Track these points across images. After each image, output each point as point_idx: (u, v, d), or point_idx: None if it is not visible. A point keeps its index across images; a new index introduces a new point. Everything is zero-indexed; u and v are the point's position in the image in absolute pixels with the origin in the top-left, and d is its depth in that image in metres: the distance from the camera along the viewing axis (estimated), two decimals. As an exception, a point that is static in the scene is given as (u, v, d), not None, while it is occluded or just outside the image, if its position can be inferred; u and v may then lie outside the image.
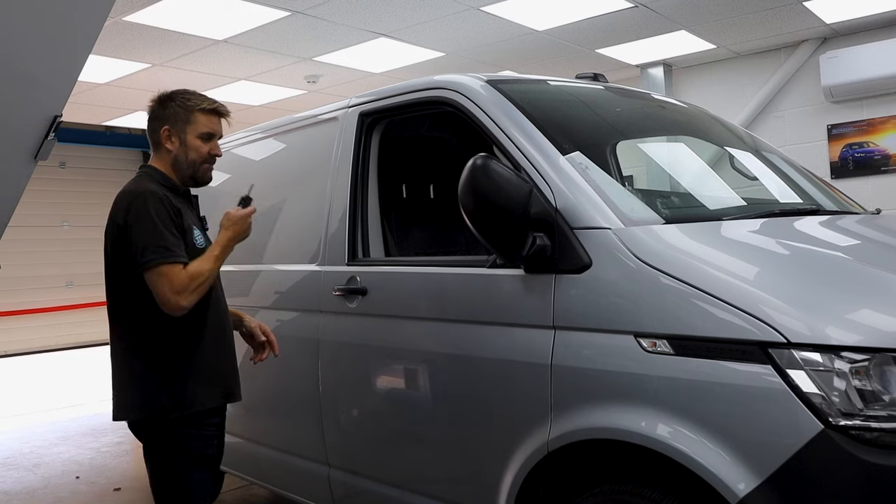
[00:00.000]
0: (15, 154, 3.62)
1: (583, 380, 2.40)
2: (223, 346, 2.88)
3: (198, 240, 2.80)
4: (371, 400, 3.30)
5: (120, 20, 7.40)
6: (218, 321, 2.87)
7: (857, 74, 8.83)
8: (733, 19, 8.51)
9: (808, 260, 2.41)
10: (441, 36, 8.55)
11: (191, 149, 2.86)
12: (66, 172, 14.48)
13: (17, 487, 5.78)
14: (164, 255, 2.62)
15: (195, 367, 2.76)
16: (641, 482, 2.30)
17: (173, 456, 2.75)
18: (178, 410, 2.71)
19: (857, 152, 9.29)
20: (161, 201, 2.70)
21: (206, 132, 2.88)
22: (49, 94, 3.46)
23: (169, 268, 2.62)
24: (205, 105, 2.89)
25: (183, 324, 2.71)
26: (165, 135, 2.86)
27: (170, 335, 2.73)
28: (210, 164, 2.93)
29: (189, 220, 2.81)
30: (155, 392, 2.71)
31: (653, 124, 3.71)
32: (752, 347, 2.03)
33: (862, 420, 1.90)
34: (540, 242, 2.48)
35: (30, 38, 3.19)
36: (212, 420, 2.80)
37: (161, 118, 2.87)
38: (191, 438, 2.75)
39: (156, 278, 2.62)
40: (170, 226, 2.68)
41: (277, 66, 9.44)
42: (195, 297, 2.65)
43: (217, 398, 2.82)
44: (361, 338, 3.29)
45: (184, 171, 2.88)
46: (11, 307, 13.78)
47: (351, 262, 3.38)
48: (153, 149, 2.93)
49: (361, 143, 3.48)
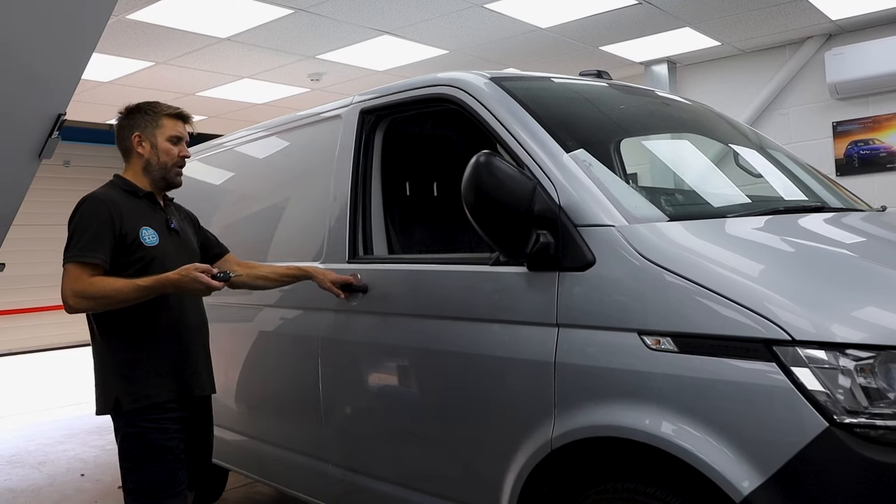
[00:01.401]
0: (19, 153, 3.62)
1: (586, 377, 2.39)
2: (177, 341, 2.98)
3: (146, 238, 2.91)
4: (372, 398, 3.29)
5: (123, 18, 7.40)
6: (172, 317, 2.97)
7: (863, 71, 8.80)
8: (738, 16, 8.49)
9: (813, 257, 2.40)
10: (444, 33, 8.54)
11: (161, 151, 3.03)
12: (70, 171, 14.49)
13: (23, 485, 5.79)
14: (74, 254, 2.80)
15: (146, 362, 2.89)
16: (645, 480, 2.30)
17: (131, 448, 2.89)
18: (132, 404, 2.86)
19: (862, 149, 9.27)
20: (100, 205, 2.86)
21: (174, 135, 3.05)
22: (53, 93, 3.46)
23: (74, 266, 2.79)
24: (171, 111, 3.07)
25: (134, 320, 2.86)
26: (136, 140, 3.02)
27: (121, 331, 2.90)
28: (180, 167, 3.08)
29: (140, 221, 2.93)
30: (111, 387, 2.91)
31: (657, 121, 3.70)
32: (756, 345, 2.03)
33: (867, 418, 1.90)
34: (543, 240, 2.48)
35: (33, 37, 3.19)
36: (171, 414, 2.91)
37: (130, 126, 3.05)
38: (148, 431, 2.87)
39: (63, 273, 2.80)
40: (99, 229, 2.81)
41: (280, 63, 9.44)
42: (88, 305, 2.79)
43: (169, 392, 2.92)
44: (362, 336, 3.29)
45: (155, 173, 3.04)
46: (16, 305, 13.80)
47: (352, 260, 3.37)
48: (124, 157, 3.10)
49: (364, 141, 3.47)
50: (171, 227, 3.05)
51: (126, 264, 2.86)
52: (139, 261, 2.88)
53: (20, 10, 3.08)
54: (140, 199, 3.01)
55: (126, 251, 2.86)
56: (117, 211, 2.87)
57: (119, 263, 2.85)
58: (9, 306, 13.67)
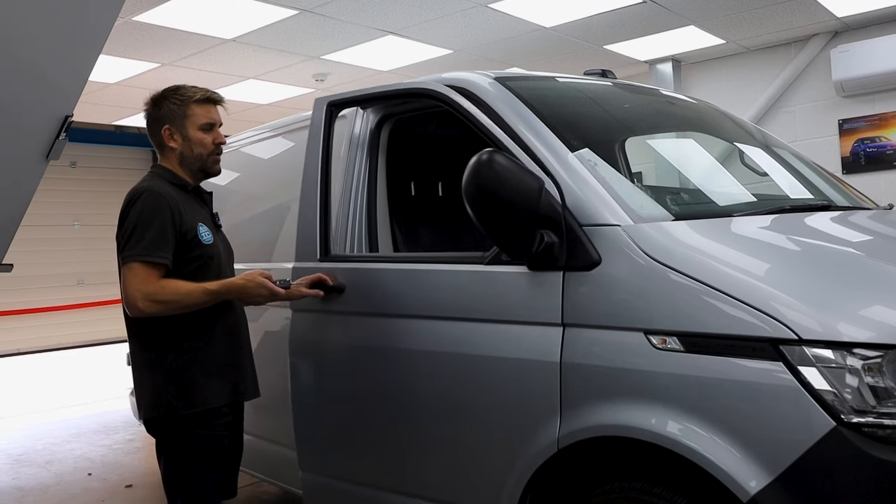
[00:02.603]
0: (27, 154, 3.64)
1: (592, 377, 2.39)
2: (233, 344, 2.87)
3: (204, 236, 2.79)
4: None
5: (129, 20, 7.42)
6: (228, 320, 2.86)
7: (869, 68, 8.77)
8: (742, 14, 8.47)
9: (820, 256, 2.40)
10: (449, 33, 8.54)
11: (195, 142, 2.86)
12: (77, 172, 14.53)
13: (31, 484, 5.81)
14: (140, 252, 2.62)
15: (201, 365, 2.75)
16: (651, 480, 2.30)
17: (184, 455, 2.75)
18: (186, 409, 2.70)
19: (868, 147, 9.24)
20: (158, 199, 2.70)
21: (205, 123, 2.87)
22: (60, 95, 3.48)
23: (141, 266, 2.62)
24: (199, 96, 2.87)
25: (189, 322, 2.72)
26: (167, 134, 2.86)
27: (176, 333, 2.72)
28: (217, 154, 2.92)
29: (195, 217, 2.80)
30: (161, 390, 2.72)
31: (662, 120, 3.70)
32: (763, 344, 2.03)
33: (875, 417, 1.89)
34: (548, 239, 2.47)
35: (41, 39, 3.21)
36: (223, 419, 2.79)
37: (159, 118, 2.88)
38: (201, 438, 2.74)
39: (127, 273, 2.63)
40: (162, 225, 2.66)
41: (285, 64, 9.45)
42: (157, 309, 2.63)
43: (225, 396, 2.80)
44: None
45: (192, 166, 2.89)
46: (23, 306, 13.84)
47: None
48: (158, 151, 2.94)
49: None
50: (217, 224, 2.95)
51: (184, 262, 2.73)
52: (197, 259, 2.75)
53: (27, 13, 3.09)
54: (189, 194, 2.87)
55: (185, 249, 2.73)
56: (176, 206, 2.72)
57: (177, 262, 2.71)
58: (16, 306, 13.70)
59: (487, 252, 2.72)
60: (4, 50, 3.12)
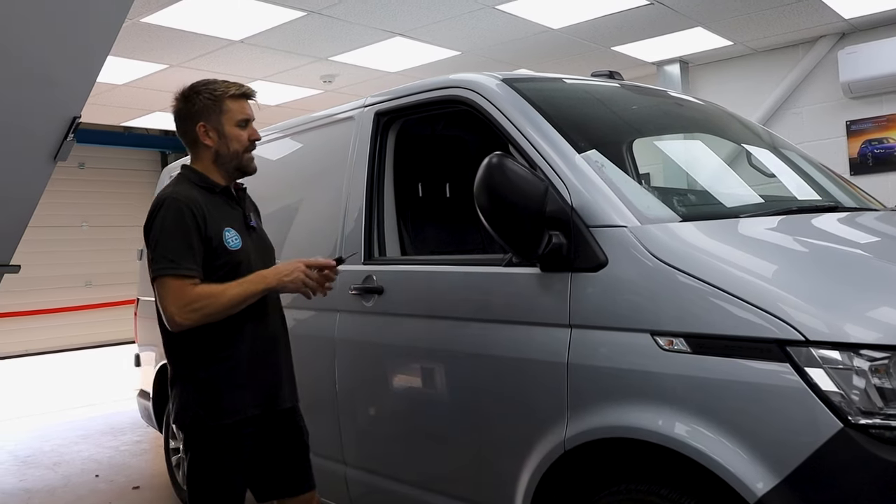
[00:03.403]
0: (35, 155, 3.65)
1: (599, 378, 2.39)
2: (267, 351, 2.79)
3: (230, 242, 2.68)
4: (387, 399, 3.30)
5: (138, 21, 7.45)
6: (262, 330, 2.78)
7: (877, 70, 8.75)
8: (750, 15, 8.46)
9: (827, 257, 2.39)
10: (456, 35, 8.55)
11: (232, 139, 2.75)
12: (85, 173, 14.60)
13: (38, 485, 5.83)
14: (168, 266, 2.55)
15: (230, 377, 2.68)
16: (659, 481, 2.30)
17: (205, 461, 2.70)
18: (213, 420, 2.65)
19: (876, 148, 9.21)
20: (182, 208, 2.60)
21: (241, 118, 2.77)
22: (68, 96, 3.49)
23: (173, 280, 2.55)
24: (233, 91, 2.76)
25: (219, 332, 2.64)
26: (202, 131, 2.74)
27: (205, 345, 2.66)
28: (252, 150, 2.82)
29: (221, 222, 2.70)
30: (190, 400, 2.67)
31: (669, 122, 3.70)
32: (770, 345, 2.02)
33: (882, 419, 1.89)
34: (556, 241, 2.48)
35: (49, 40, 3.22)
36: (248, 430, 2.72)
37: (192, 115, 2.76)
38: (222, 451, 2.69)
39: (160, 289, 2.57)
40: (186, 235, 2.58)
41: (294, 66, 9.47)
42: (194, 318, 2.56)
43: (252, 408, 2.72)
44: (377, 337, 3.30)
45: (228, 164, 2.78)
46: (31, 307, 13.90)
47: (367, 261, 3.38)
48: (190, 148, 2.83)
49: (377, 143, 3.49)
50: (249, 225, 2.82)
51: (212, 270, 2.63)
52: (223, 266, 2.65)
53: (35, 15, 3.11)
54: (217, 196, 2.75)
55: (212, 256, 2.63)
56: (200, 212, 2.61)
57: (205, 269, 2.62)
58: (24, 307, 13.77)
59: (506, 254, 2.73)
60: (12, 51, 3.14)
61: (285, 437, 2.89)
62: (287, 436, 2.90)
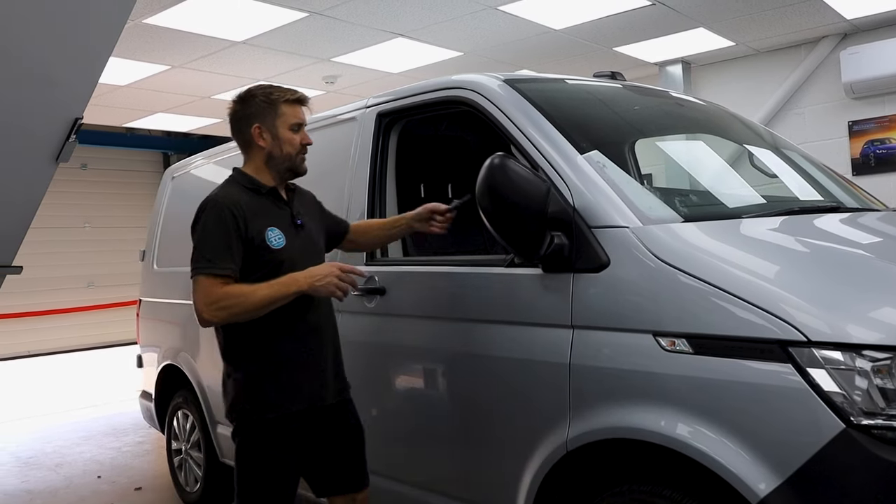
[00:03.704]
0: (37, 156, 3.64)
1: (601, 379, 2.39)
2: (304, 350, 2.82)
3: (273, 241, 2.75)
4: (389, 399, 3.30)
5: (140, 22, 7.45)
6: (308, 327, 2.83)
7: (879, 70, 8.74)
8: (752, 16, 8.45)
9: (829, 258, 2.39)
10: (458, 36, 8.55)
11: (285, 142, 2.85)
12: (88, 174, 14.61)
13: (40, 486, 5.84)
14: (204, 265, 2.65)
15: (273, 373, 2.75)
16: (661, 482, 2.30)
17: (248, 458, 2.78)
18: (257, 414, 2.74)
19: (878, 149, 9.20)
20: (223, 210, 2.70)
21: (295, 123, 2.87)
22: (70, 97, 3.48)
23: (205, 279, 2.64)
24: (288, 96, 2.87)
25: (266, 328, 2.72)
26: (257, 132, 2.84)
27: (253, 339, 2.75)
28: (304, 154, 2.91)
29: (265, 221, 2.77)
30: (238, 394, 2.77)
31: (671, 122, 3.70)
32: (772, 346, 2.02)
33: (884, 419, 1.89)
34: (558, 241, 2.48)
35: (51, 41, 3.22)
36: (293, 425, 2.78)
37: (247, 117, 2.86)
38: (267, 445, 2.76)
39: (194, 286, 2.66)
40: (225, 236, 2.67)
41: (296, 66, 9.47)
42: (221, 316, 2.65)
43: (295, 404, 2.78)
44: (379, 337, 3.30)
45: (280, 165, 2.87)
46: (33, 308, 13.92)
47: (369, 262, 3.39)
48: (244, 150, 2.93)
49: (379, 143, 3.49)
50: (297, 224, 2.88)
51: (254, 268, 2.71)
52: (266, 265, 2.72)
53: (37, 15, 3.11)
54: (263, 197, 2.84)
55: (253, 255, 2.72)
56: (241, 213, 2.71)
57: (247, 268, 2.71)
58: (26, 308, 13.78)
59: (507, 255, 2.73)
60: (13, 51, 3.14)
61: (335, 433, 2.94)
62: (337, 432, 2.95)
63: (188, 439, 5.01)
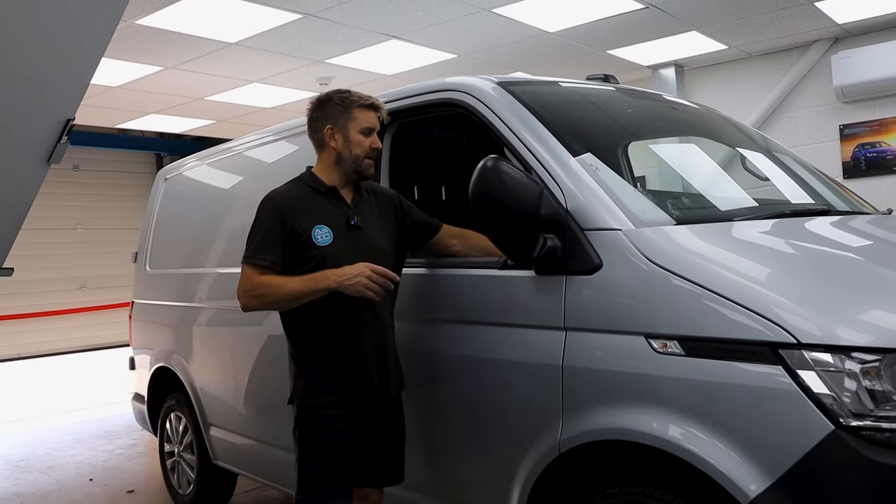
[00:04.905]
0: (28, 158, 3.64)
1: (594, 381, 2.40)
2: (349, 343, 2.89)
3: (319, 238, 2.86)
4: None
5: (132, 23, 7.44)
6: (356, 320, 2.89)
7: (870, 74, 8.78)
8: (744, 20, 8.49)
9: (819, 260, 2.40)
10: (452, 38, 8.56)
11: (354, 144, 2.96)
12: (80, 175, 14.58)
13: (32, 489, 5.82)
14: (248, 255, 2.86)
15: (317, 362, 2.90)
16: (652, 483, 2.30)
17: (299, 442, 2.93)
18: (302, 400, 2.91)
19: (869, 152, 9.25)
20: (274, 205, 2.88)
21: (366, 127, 2.98)
22: (62, 98, 3.48)
23: (246, 267, 2.85)
24: (362, 101, 2.99)
25: (310, 318, 2.87)
26: (329, 133, 2.98)
27: (300, 328, 2.93)
28: (372, 158, 3.01)
29: (315, 219, 2.88)
30: (296, 380, 2.95)
31: (664, 125, 3.71)
32: (762, 348, 2.03)
33: (873, 420, 1.90)
34: (551, 244, 2.49)
35: (42, 42, 3.21)
36: (338, 411, 2.88)
37: (322, 118, 3.01)
38: (312, 428, 2.89)
39: (241, 274, 2.87)
40: (270, 228, 2.84)
41: (290, 68, 9.47)
42: (255, 303, 2.87)
43: (337, 394, 2.88)
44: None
45: (348, 166, 2.98)
46: (25, 310, 13.87)
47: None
48: (317, 149, 3.06)
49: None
50: (351, 224, 2.93)
51: (300, 262, 2.84)
52: (311, 260, 2.83)
53: (28, 16, 3.11)
54: (322, 196, 2.96)
55: (299, 250, 2.85)
56: (289, 209, 2.87)
57: (294, 262, 2.84)
58: (18, 311, 13.73)
59: (500, 257, 2.74)
60: (5, 53, 3.13)
61: (377, 428, 2.99)
62: (379, 427, 2.99)
63: (181, 442, 5.00)
